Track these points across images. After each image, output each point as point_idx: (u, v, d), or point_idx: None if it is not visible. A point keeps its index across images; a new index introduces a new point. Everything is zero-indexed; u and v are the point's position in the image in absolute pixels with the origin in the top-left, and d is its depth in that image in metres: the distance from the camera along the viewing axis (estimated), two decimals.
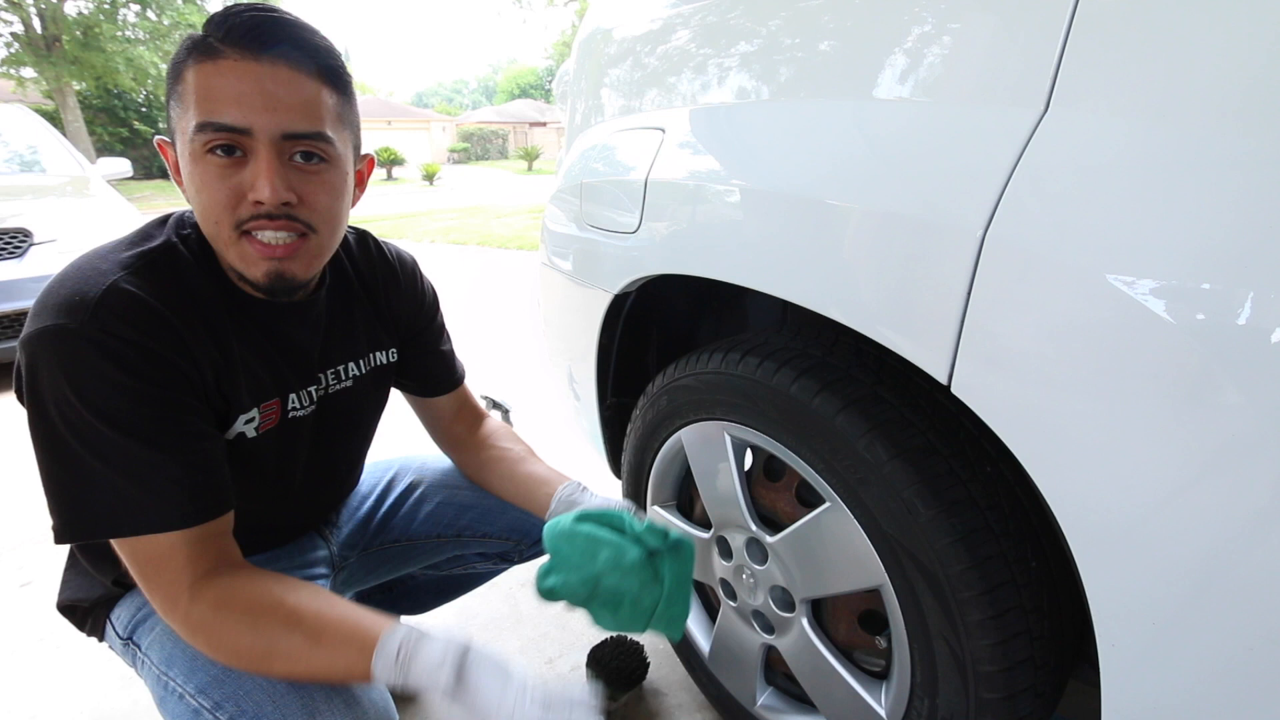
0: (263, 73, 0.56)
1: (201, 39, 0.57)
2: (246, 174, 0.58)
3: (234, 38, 0.56)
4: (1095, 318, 0.42)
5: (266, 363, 0.69)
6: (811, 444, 0.68)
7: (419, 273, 0.90)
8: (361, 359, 0.81)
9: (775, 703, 0.88)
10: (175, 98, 0.58)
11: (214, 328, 0.63)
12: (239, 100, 0.56)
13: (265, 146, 0.57)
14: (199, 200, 0.59)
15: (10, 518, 1.74)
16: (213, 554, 0.61)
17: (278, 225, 0.60)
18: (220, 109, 0.56)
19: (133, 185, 15.49)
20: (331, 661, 0.58)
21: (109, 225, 2.94)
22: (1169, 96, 0.41)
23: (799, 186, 0.64)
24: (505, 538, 0.97)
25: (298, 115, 0.58)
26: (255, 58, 0.56)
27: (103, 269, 0.58)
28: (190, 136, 0.57)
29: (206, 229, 0.61)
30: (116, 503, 0.57)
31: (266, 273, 0.61)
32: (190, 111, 0.56)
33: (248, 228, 0.59)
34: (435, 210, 10.10)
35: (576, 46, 1.18)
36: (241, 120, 0.56)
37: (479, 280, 4.88)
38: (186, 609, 0.59)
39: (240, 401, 0.67)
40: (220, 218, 0.59)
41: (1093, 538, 0.45)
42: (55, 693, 1.16)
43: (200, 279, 0.63)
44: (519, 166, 25.91)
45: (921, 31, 0.57)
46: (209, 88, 0.56)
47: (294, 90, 0.58)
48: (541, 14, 20.76)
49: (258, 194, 0.58)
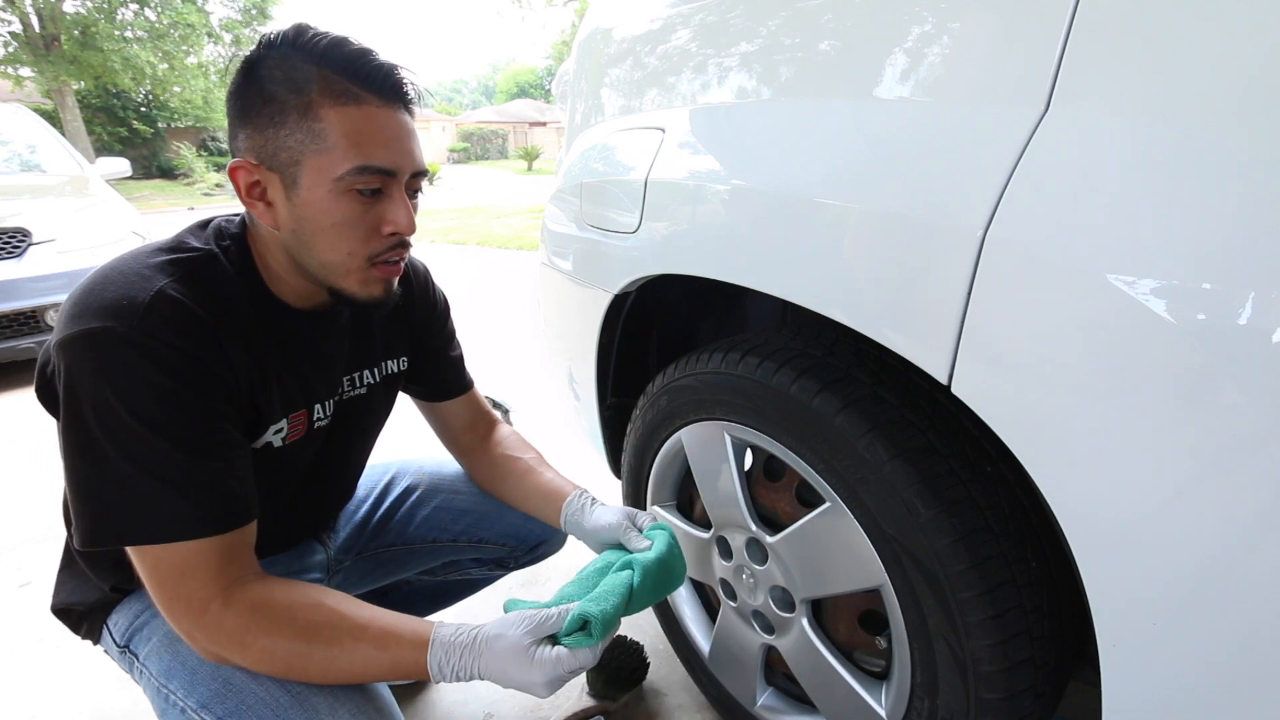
0: (398, 121, 0.63)
1: (329, 80, 0.59)
2: (385, 209, 0.63)
3: (372, 85, 0.60)
4: (1096, 318, 0.42)
5: (297, 374, 0.70)
6: (811, 444, 0.68)
7: (431, 280, 0.91)
8: (377, 367, 0.82)
9: (775, 703, 0.88)
10: (304, 133, 0.59)
11: (251, 339, 0.64)
12: (390, 146, 0.61)
13: (400, 186, 0.64)
14: (334, 233, 0.62)
15: (10, 518, 1.74)
16: (241, 561, 0.62)
17: (402, 251, 0.67)
18: (376, 154, 0.60)
19: (132, 185, 15.45)
20: (378, 657, 0.60)
21: (108, 225, 2.94)
22: (1170, 96, 0.41)
23: (799, 186, 0.64)
24: (501, 543, 0.97)
25: (419, 157, 0.65)
26: (391, 105, 0.62)
27: (147, 274, 0.59)
28: (341, 175, 0.60)
29: (333, 258, 0.64)
30: (149, 508, 0.57)
31: (385, 289, 0.67)
32: (338, 152, 0.59)
33: (383, 258, 0.65)
34: (435, 210, 10.10)
35: (576, 46, 1.18)
36: (393, 164, 0.62)
37: (479, 280, 4.88)
38: (220, 615, 0.59)
39: (272, 412, 0.68)
40: (355, 249, 0.63)
41: (1093, 538, 0.45)
42: (55, 693, 1.15)
43: (239, 290, 0.65)
44: (519, 166, 25.90)
45: (921, 31, 0.56)
46: (362, 132, 0.60)
47: (413, 134, 0.65)
48: (541, 13, 20.75)
49: (398, 227, 0.64)
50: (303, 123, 0.59)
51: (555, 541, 1.01)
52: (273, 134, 0.60)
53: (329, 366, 0.75)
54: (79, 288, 0.59)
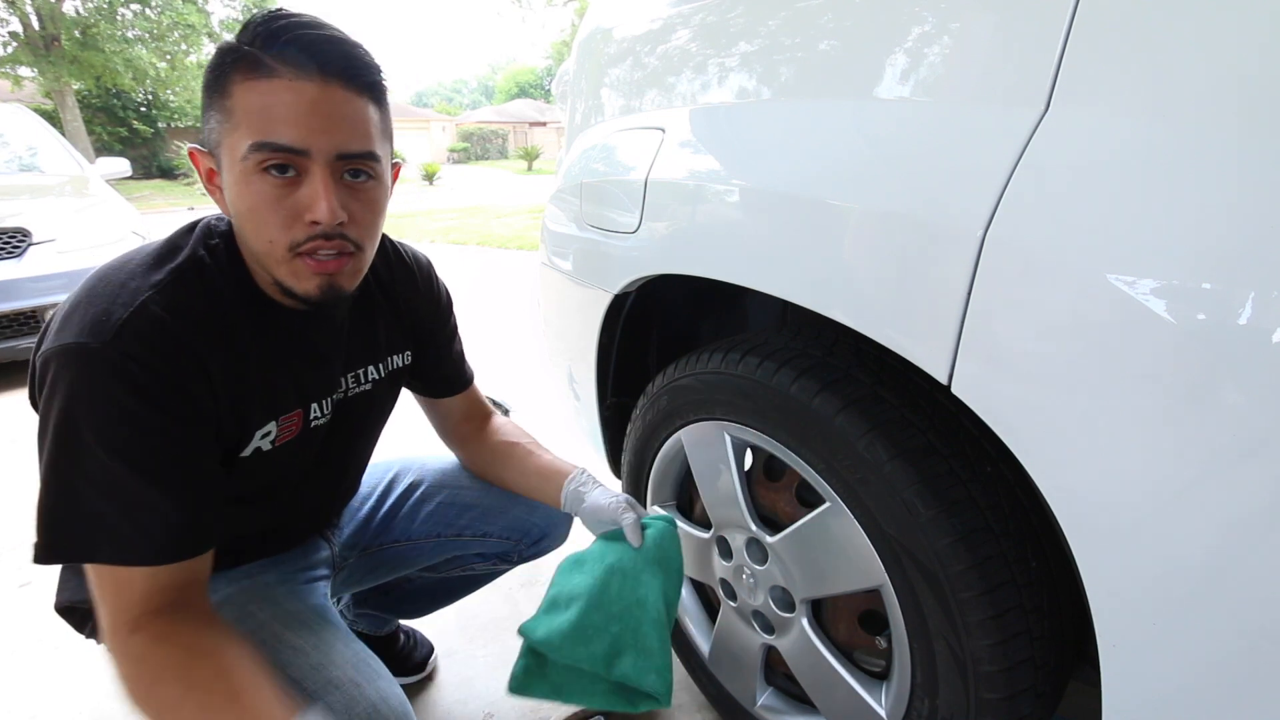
0: (317, 93, 0.56)
1: (248, 52, 0.55)
2: (302, 194, 0.57)
3: (287, 56, 0.55)
4: (1095, 318, 0.42)
5: (289, 373, 0.69)
6: (811, 444, 0.68)
7: (434, 274, 0.91)
8: (381, 362, 0.82)
9: (775, 703, 0.88)
10: (219, 111, 0.57)
11: (236, 343, 0.63)
12: (296, 121, 0.55)
13: (321, 167, 0.57)
14: (251, 219, 0.58)
15: (10, 518, 1.74)
16: (173, 595, 0.59)
17: (332, 245, 0.60)
18: (276, 129, 0.55)
19: (131, 185, 15.45)
20: None
21: (108, 225, 2.93)
22: (1170, 96, 0.41)
23: (799, 186, 0.64)
24: (505, 537, 0.97)
25: (351, 135, 0.58)
26: (309, 77, 0.55)
27: (132, 287, 0.58)
28: (243, 154, 0.56)
29: (257, 246, 0.60)
30: (96, 529, 0.56)
31: (319, 286, 0.61)
32: (241, 129, 0.55)
33: (304, 250, 0.59)
34: (435, 210, 10.10)
35: (576, 46, 1.18)
36: (299, 141, 0.56)
37: (479, 280, 4.88)
38: (125, 639, 0.57)
39: (257, 419, 0.67)
40: (275, 237, 0.59)
41: (1093, 537, 0.45)
42: (55, 693, 1.15)
43: (227, 291, 0.63)
44: (519, 166, 25.90)
45: (921, 31, 0.56)
46: (263, 107, 0.55)
47: (347, 110, 0.58)
48: (541, 13, 20.75)
49: (315, 215, 0.57)
50: (220, 101, 0.57)
51: (558, 535, 1.01)
52: (207, 116, 0.59)
53: (325, 364, 0.73)
54: (70, 297, 0.59)
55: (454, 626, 1.27)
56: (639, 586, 0.74)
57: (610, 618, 0.72)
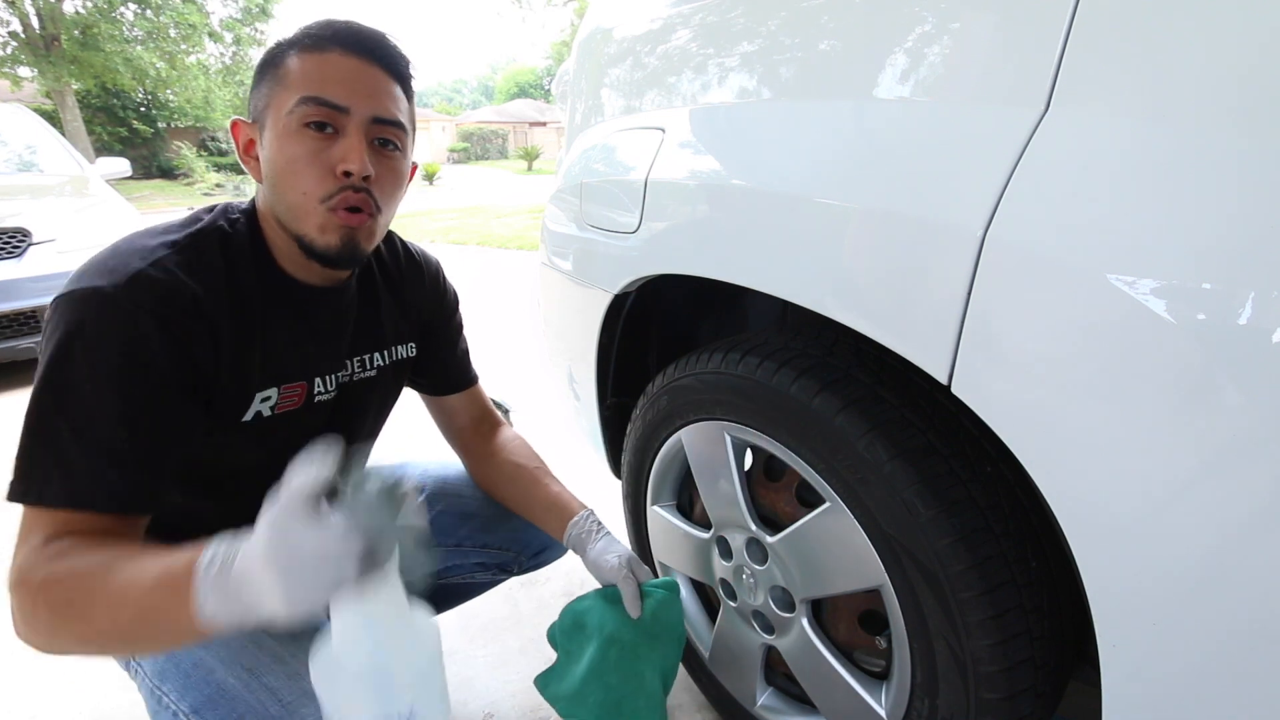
0: (362, 67, 0.65)
1: (304, 39, 0.64)
2: (337, 149, 0.63)
3: (339, 39, 0.64)
4: (1096, 318, 0.42)
5: (297, 345, 0.71)
6: (811, 444, 0.68)
7: (443, 274, 0.93)
8: (387, 350, 0.83)
9: (775, 703, 0.88)
10: (270, 80, 0.64)
11: (247, 308, 0.66)
12: (342, 82, 0.63)
13: (356, 127, 0.64)
14: (289, 170, 0.63)
15: (10, 518, 1.74)
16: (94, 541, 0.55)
17: (359, 197, 0.65)
18: (325, 87, 0.62)
19: (132, 185, 15.45)
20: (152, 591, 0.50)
21: (108, 225, 2.93)
22: (1170, 96, 0.41)
23: (799, 186, 0.64)
24: (505, 548, 0.97)
25: (387, 104, 0.66)
26: (357, 55, 0.64)
27: (152, 244, 0.62)
28: (290, 109, 0.62)
29: (292, 198, 0.64)
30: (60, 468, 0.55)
31: (341, 238, 0.65)
32: (292, 89, 0.62)
33: (334, 204, 0.64)
34: (435, 210, 10.10)
35: (576, 46, 1.18)
36: (343, 99, 0.63)
37: (479, 280, 4.88)
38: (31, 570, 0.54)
39: (256, 381, 0.68)
40: (309, 189, 0.63)
41: (1093, 537, 0.45)
42: (55, 693, 1.15)
43: (244, 261, 0.67)
44: (519, 166, 25.89)
45: (921, 31, 0.56)
46: (315, 70, 0.63)
47: (385, 86, 0.66)
48: (541, 13, 20.75)
49: (349, 165, 0.63)
50: (273, 72, 0.64)
51: (559, 548, 1.01)
52: (256, 90, 0.66)
53: (333, 340, 0.75)
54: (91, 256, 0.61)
55: (454, 626, 1.27)
56: (636, 660, 0.77)
57: (608, 688, 0.77)
